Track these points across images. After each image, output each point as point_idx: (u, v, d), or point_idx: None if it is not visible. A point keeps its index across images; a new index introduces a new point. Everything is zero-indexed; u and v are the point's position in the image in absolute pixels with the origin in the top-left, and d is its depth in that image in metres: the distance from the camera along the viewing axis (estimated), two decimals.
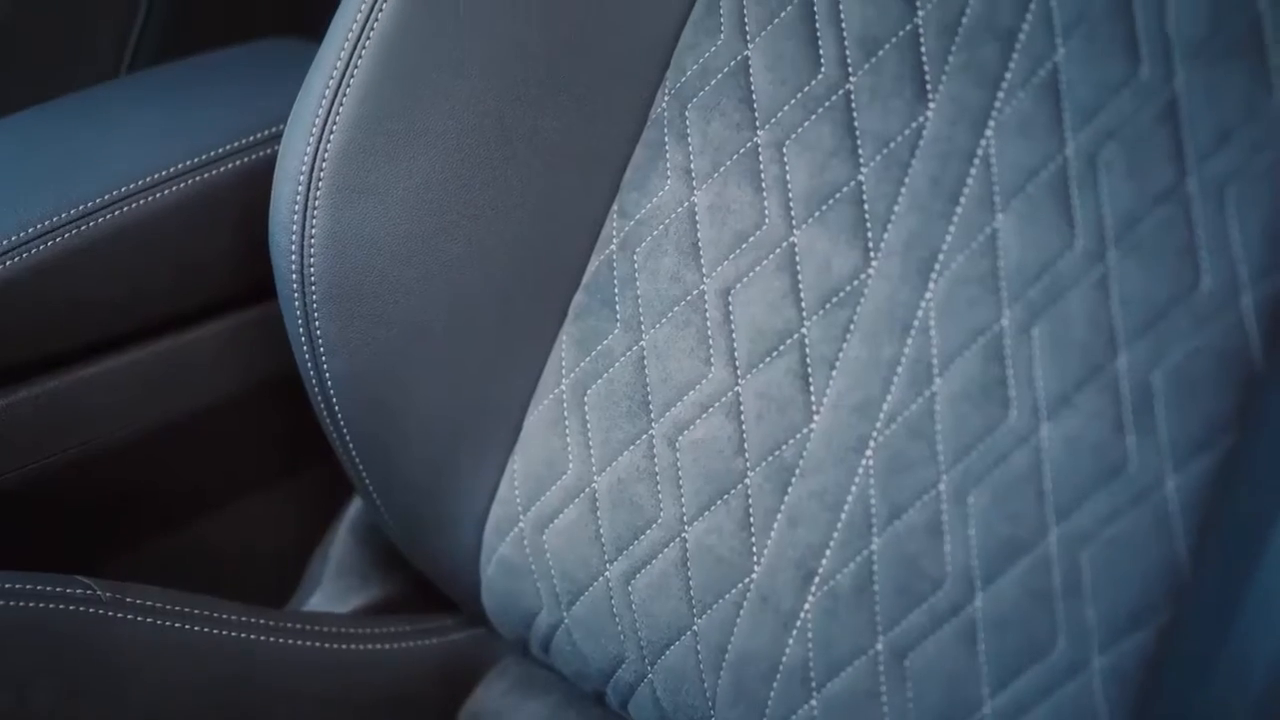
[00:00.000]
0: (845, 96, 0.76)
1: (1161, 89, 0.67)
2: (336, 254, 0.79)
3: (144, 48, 1.09)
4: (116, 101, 0.97)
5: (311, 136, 0.79)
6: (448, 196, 0.80)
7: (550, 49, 0.80)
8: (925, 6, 0.74)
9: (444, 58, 0.79)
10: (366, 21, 0.79)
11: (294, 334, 0.82)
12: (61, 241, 0.84)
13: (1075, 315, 0.69)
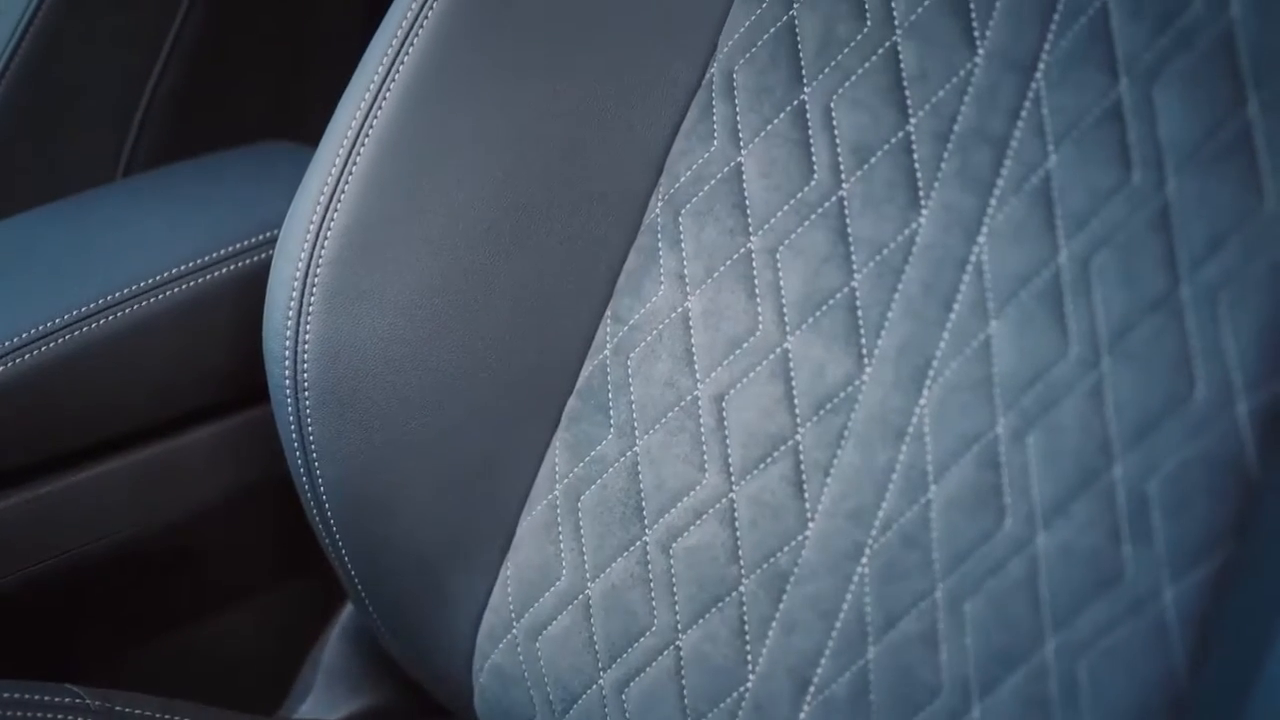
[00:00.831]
0: (838, 203, 0.76)
1: (1153, 195, 0.68)
2: (330, 360, 0.79)
3: (140, 151, 1.09)
4: (112, 205, 0.97)
5: (306, 242, 0.79)
6: (442, 302, 0.80)
7: (546, 157, 0.80)
8: (917, 114, 0.74)
9: (440, 165, 0.79)
10: (362, 127, 0.79)
11: (287, 439, 0.81)
12: (57, 346, 0.84)
13: (1070, 423, 0.69)
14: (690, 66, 0.81)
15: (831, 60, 0.77)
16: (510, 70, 0.80)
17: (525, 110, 0.80)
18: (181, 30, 1.10)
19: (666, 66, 0.81)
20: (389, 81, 0.79)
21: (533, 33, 0.80)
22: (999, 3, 0.73)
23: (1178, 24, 0.68)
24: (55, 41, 1.05)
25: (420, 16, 0.79)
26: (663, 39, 0.81)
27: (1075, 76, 0.70)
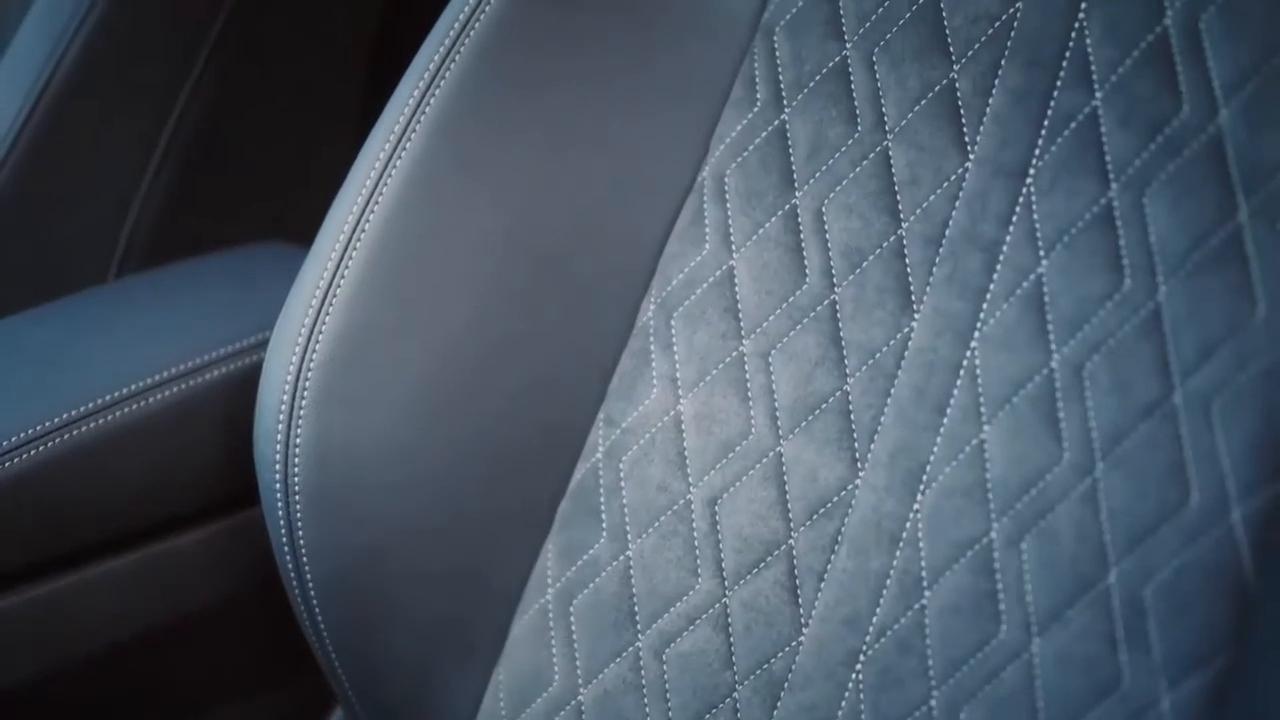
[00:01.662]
0: (830, 307, 0.76)
1: (1145, 302, 0.68)
2: (320, 463, 0.79)
3: (134, 251, 1.10)
4: (104, 307, 0.97)
5: (298, 345, 0.79)
6: (434, 404, 0.79)
7: (539, 259, 0.80)
8: (908, 218, 0.75)
9: (434, 266, 0.79)
10: (356, 228, 0.79)
11: (277, 542, 0.81)
12: (47, 449, 0.83)
13: (1064, 529, 0.68)
14: (683, 169, 0.82)
15: (823, 165, 0.77)
16: (505, 171, 0.80)
17: (518, 211, 0.80)
18: (177, 130, 1.11)
19: (659, 169, 0.82)
20: (383, 182, 0.79)
21: (528, 134, 0.80)
22: (989, 109, 0.73)
23: (1167, 131, 0.68)
24: (50, 142, 1.05)
25: (414, 119, 0.79)
26: (656, 141, 0.81)
27: (1066, 183, 0.70)
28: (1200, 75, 0.67)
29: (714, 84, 0.81)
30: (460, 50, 0.79)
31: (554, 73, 0.81)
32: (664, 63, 0.81)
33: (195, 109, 1.12)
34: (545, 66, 0.81)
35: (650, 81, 0.81)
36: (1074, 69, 0.71)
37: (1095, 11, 0.71)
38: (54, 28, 1.07)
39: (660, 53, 0.81)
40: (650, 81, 0.81)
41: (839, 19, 0.78)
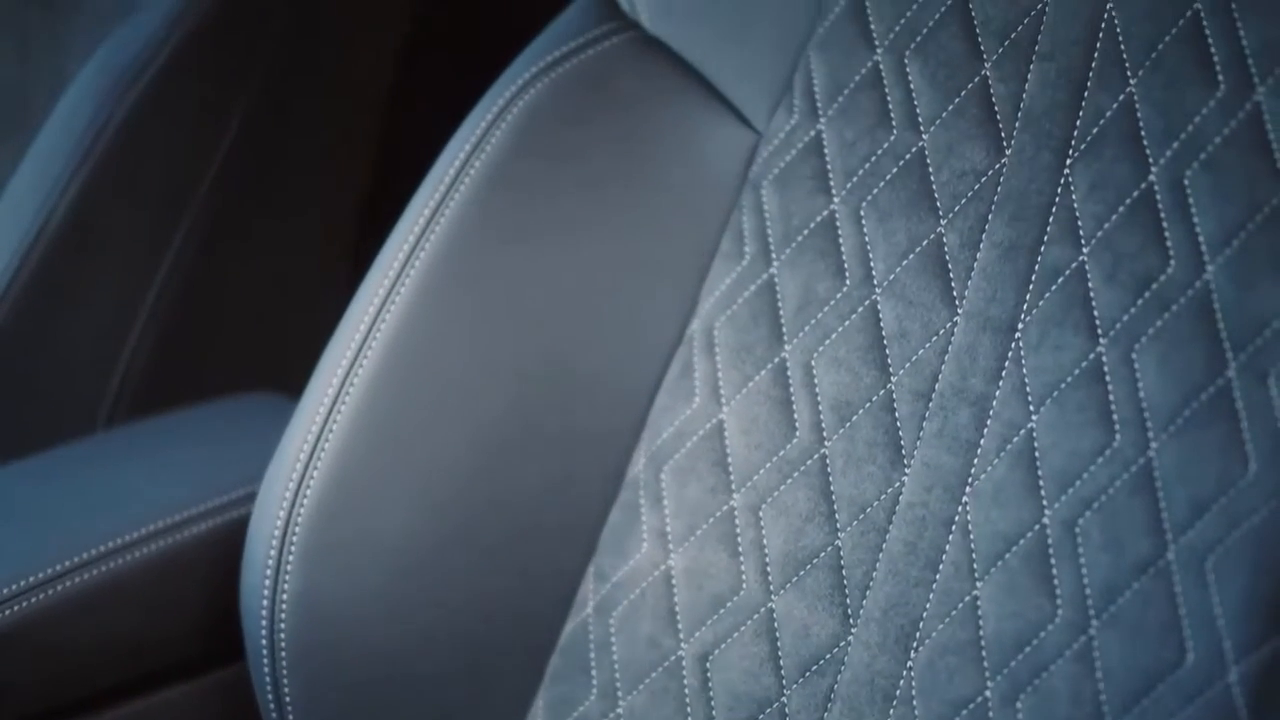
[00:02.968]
0: (821, 461, 0.76)
1: (1136, 458, 0.67)
2: (307, 617, 0.78)
3: (122, 403, 1.09)
4: (90, 460, 0.97)
5: (285, 500, 0.78)
6: (421, 559, 0.79)
7: (527, 411, 0.80)
8: (898, 372, 0.75)
9: (422, 417, 0.79)
10: (344, 382, 0.79)
11: (263, 698, 0.80)
12: (28, 606, 0.83)
13: (1060, 688, 0.67)
14: (672, 322, 0.82)
15: (812, 319, 0.77)
16: (494, 321, 0.80)
17: (506, 364, 0.80)
18: (168, 278, 1.11)
19: (649, 320, 0.82)
20: (371, 338, 0.79)
21: (518, 282, 0.80)
22: (977, 263, 0.73)
23: (1154, 287, 0.68)
24: (42, 289, 1.05)
25: (404, 272, 0.79)
26: (645, 295, 0.81)
27: (1054, 338, 0.70)
28: (1186, 231, 0.68)
29: (703, 237, 0.82)
30: (448, 207, 0.80)
31: (542, 223, 0.81)
32: (652, 216, 0.82)
33: (186, 258, 1.12)
34: (534, 216, 0.81)
35: (638, 236, 0.81)
36: (1060, 224, 0.71)
37: (1080, 167, 0.71)
38: (50, 172, 1.08)
39: (649, 205, 0.82)
40: (638, 236, 0.81)
41: (826, 174, 0.79)
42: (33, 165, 1.09)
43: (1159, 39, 0.70)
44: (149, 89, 1.08)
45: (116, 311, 1.10)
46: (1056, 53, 0.73)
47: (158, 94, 1.09)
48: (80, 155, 1.07)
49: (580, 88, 0.82)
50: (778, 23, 0.81)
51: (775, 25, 0.81)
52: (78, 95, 1.10)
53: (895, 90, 0.77)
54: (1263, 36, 0.67)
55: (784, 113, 0.81)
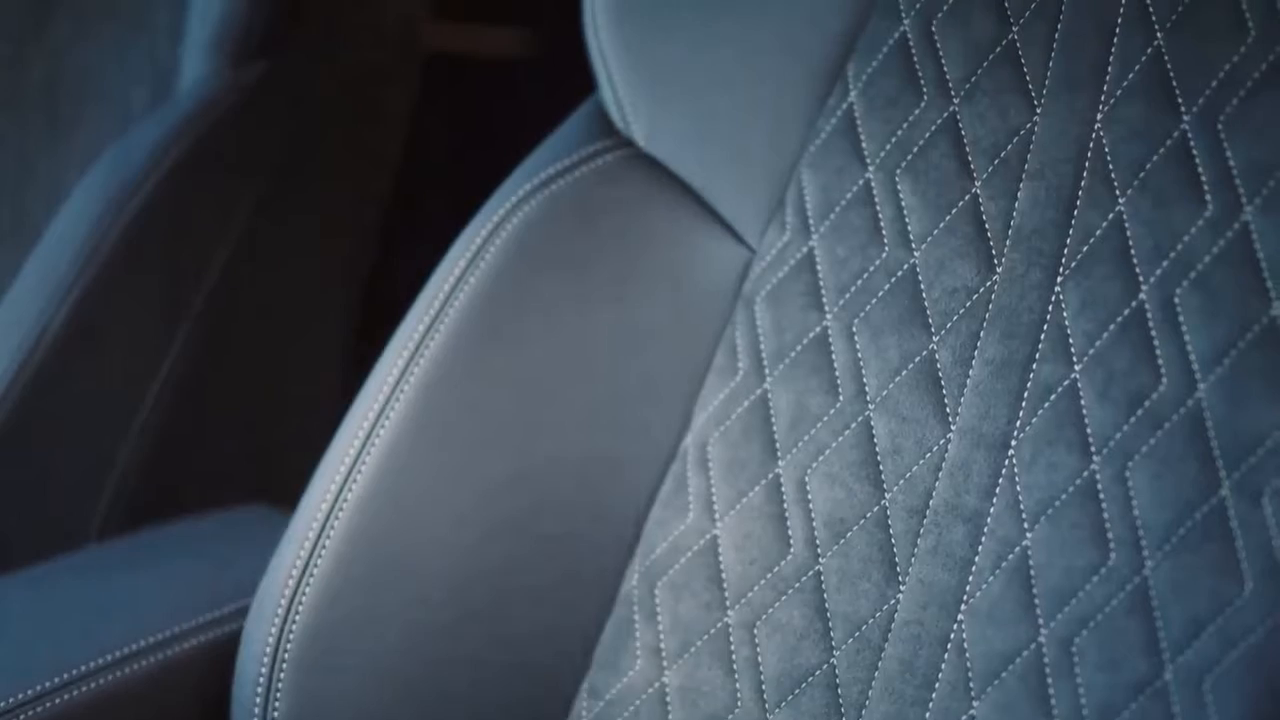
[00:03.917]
0: (815, 578, 0.76)
1: (1131, 577, 0.67)
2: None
3: (115, 514, 1.09)
4: (82, 574, 0.96)
5: (278, 615, 0.78)
6: (413, 675, 0.78)
7: (519, 526, 0.80)
8: (891, 489, 0.74)
9: (413, 538, 0.79)
10: (337, 498, 0.79)
11: None
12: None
13: None
14: (666, 436, 0.82)
15: (805, 434, 0.78)
16: (488, 437, 0.80)
17: (502, 478, 0.80)
18: (162, 391, 1.11)
19: (642, 435, 0.82)
20: (365, 452, 0.79)
21: (512, 397, 0.81)
22: (969, 380, 0.74)
23: (1147, 405, 0.68)
24: (33, 403, 1.05)
25: (399, 385, 0.80)
26: (639, 410, 0.81)
27: (1048, 455, 0.70)
28: (1178, 349, 0.68)
29: (696, 352, 0.82)
30: (443, 321, 0.80)
31: (536, 337, 0.81)
32: (646, 331, 0.82)
33: (182, 368, 1.12)
34: (528, 331, 0.81)
35: (632, 351, 0.82)
36: (1052, 341, 0.71)
37: (1071, 285, 0.71)
38: (49, 282, 1.08)
39: (643, 320, 0.82)
40: (632, 351, 0.82)
41: (819, 290, 0.79)
42: (31, 274, 1.09)
43: (1147, 158, 0.70)
44: (147, 201, 1.09)
45: (112, 420, 1.10)
46: (1046, 171, 0.73)
47: (155, 207, 1.09)
48: (79, 266, 1.07)
49: (575, 204, 0.82)
50: (770, 141, 0.82)
51: (768, 143, 0.82)
52: (77, 207, 1.11)
53: (887, 208, 0.78)
54: (1250, 156, 0.68)
55: (776, 229, 0.81)
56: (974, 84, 0.76)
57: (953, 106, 0.77)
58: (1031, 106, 0.75)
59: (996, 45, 0.76)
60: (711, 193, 0.83)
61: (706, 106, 0.83)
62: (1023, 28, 0.76)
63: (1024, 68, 0.75)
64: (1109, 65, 0.73)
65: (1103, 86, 0.73)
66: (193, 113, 1.11)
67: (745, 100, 0.82)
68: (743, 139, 0.82)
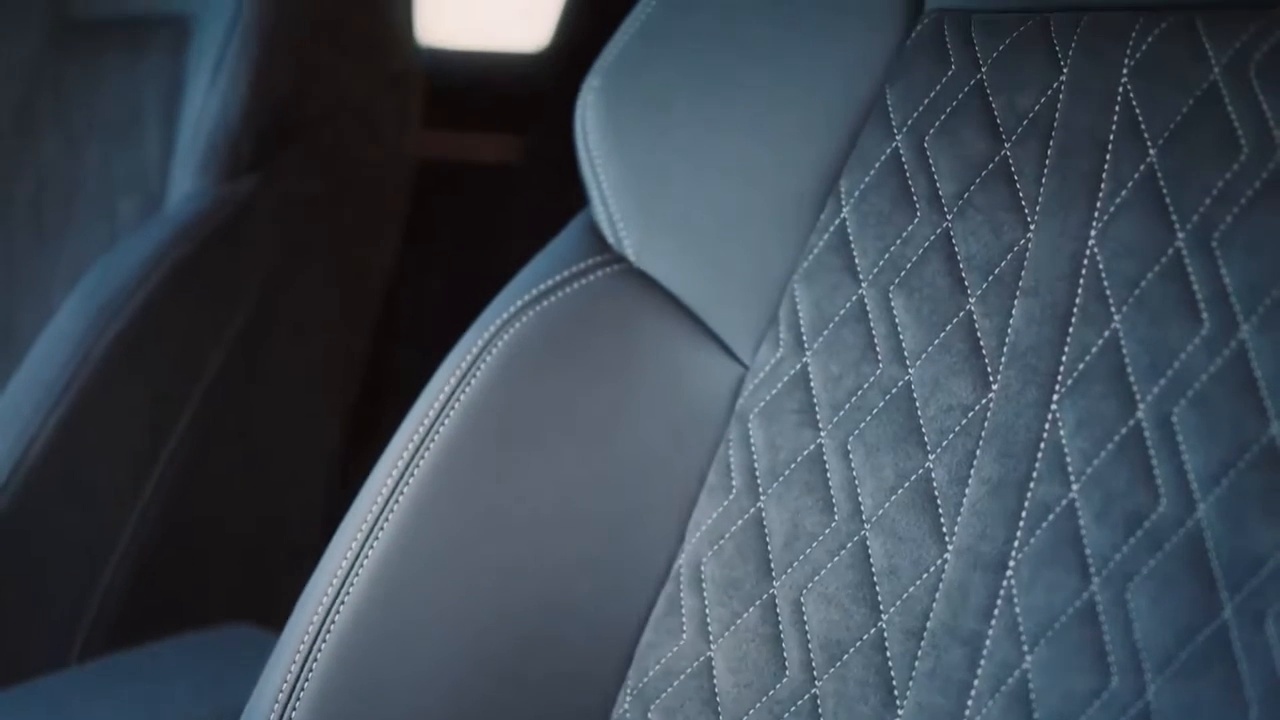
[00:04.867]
0: (811, 701, 0.74)
1: (1134, 702, 0.66)
2: None
3: (98, 632, 1.08)
4: (62, 696, 0.95)
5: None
6: None
7: (512, 647, 0.78)
8: (888, 610, 0.73)
9: (405, 654, 0.77)
10: (325, 619, 0.77)
11: None
12: None
13: None
14: (658, 556, 0.81)
15: (800, 554, 0.77)
16: (477, 557, 0.79)
17: (490, 598, 0.79)
18: (146, 509, 1.10)
19: (634, 554, 0.81)
20: (353, 574, 0.78)
21: (501, 517, 0.80)
22: (966, 499, 0.73)
23: (1146, 525, 0.67)
24: (15, 524, 1.04)
25: (388, 506, 0.79)
26: (631, 529, 0.80)
27: (1046, 577, 0.69)
28: (1176, 469, 0.67)
29: (689, 469, 0.81)
30: (433, 440, 0.79)
31: (527, 456, 0.80)
32: (638, 449, 0.81)
33: (166, 487, 1.11)
34: (518, 450, 0.80)
35: (624, 469, 0.81)
36: (1049, 461, 0.71)
37: (1068, 403, 0.71)
38: (30, 401, 1.07)
39: (635, 438, 0.81)
40: (624, 469, 0.81)
41: (813, 407, 0.78)
42: (18, 387, 1.09)
43: (1141, 275, 0.70)
44: (135, 315, 1.09)
45: (97, 537, 1.09)
46: (1040, 288, 0.73)
47: (144, 320, 1.09)
48: (65, 379, 1.06)
49: (566, 321, 0.82)
50: (762, 256, 0.81)
51: (760, 259, 0.81)
52: (65, 319, 1.11)
53: (880, 324, 0.77)
54: (1245, 274, 0.67)
55: (770, 346, 0.81)
56: (967, 200, 0.76)
57: (946, 222, 0.77)
58: (1025, 223, 0.74)
59: (989, 161, 0.76)
60: (704, 308, 0.82)
61: (698, 222, 0.82)
62: (1015, 144, 0.76)
63: (1017, 184, 0.75)
64: (1102, 181, 0.73)
65: (1096, 203, 0.73)
66: (183, 227, 1.11)
67: (737, 216, 0.82)
68: (735, 254, 0.82)
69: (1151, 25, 0.73)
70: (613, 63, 0.85)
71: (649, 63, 0.85)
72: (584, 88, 0.86)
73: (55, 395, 1.06)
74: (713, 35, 0.84)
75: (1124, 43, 0.74)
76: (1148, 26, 0.73)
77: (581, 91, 0.86)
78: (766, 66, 0.83)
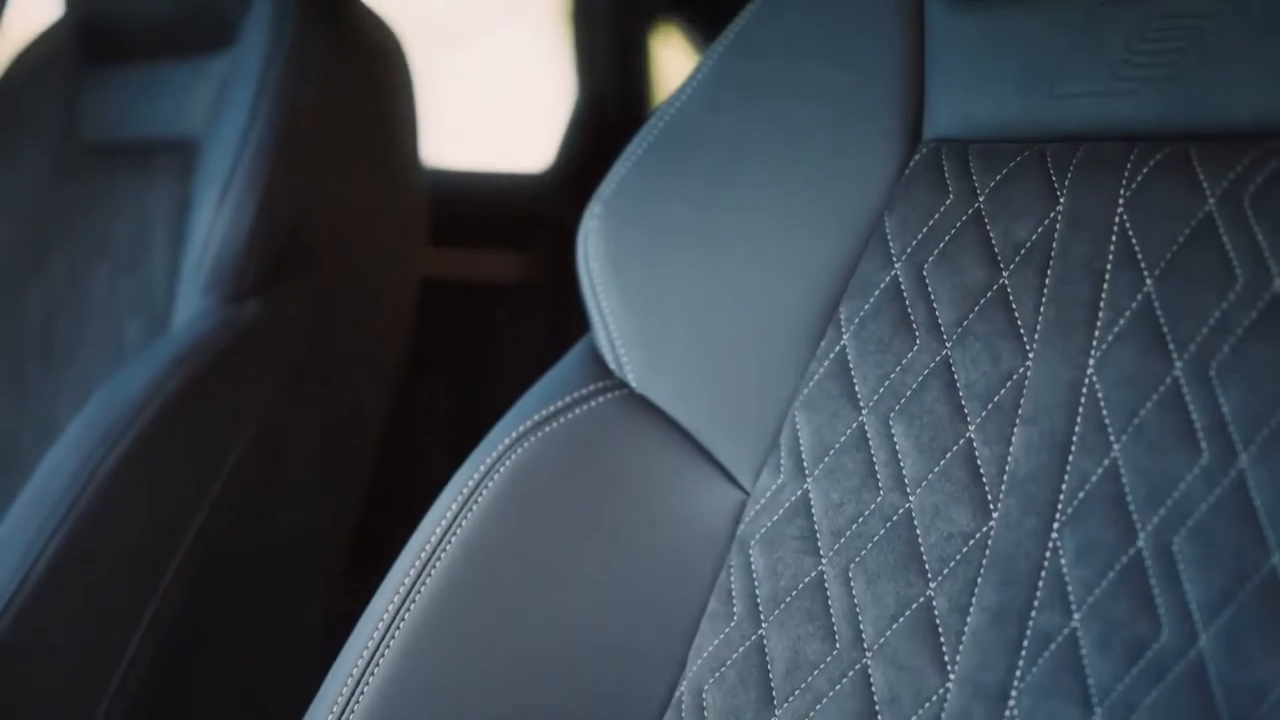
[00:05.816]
0: None
1: None
2: None
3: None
4: None
5: None
6: None
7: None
8: None
9: None
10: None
11: None
12: None
13: None
14: (660, 684, 0.80)
15: (801, 682, 0.76)
16: (474, 686, 0.79)
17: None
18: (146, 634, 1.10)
19: (635, 685, 0.80)
20: (356, 697, 0.78)
21: (502, 644, 0.79)
22: (967, 628, 0.72)
23: (1148, 655, 0.67)
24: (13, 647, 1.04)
25: (389, 633, 0.78)
26: (632, 657, 0.80)
27: (1048, 707, 0.69)
28: (1177, 598, 0.67)
29: (690, 596, 0.81)
30: (434, 567, 0.79)
31: (527, 581, 0.81)
32: (640, 575, 0.81)
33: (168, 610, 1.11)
34: (519, 575, 0.81)
35: (625, 595, 0.81)
36: (1050, 589, 0.71)
37: (1068, 532, 0.71)
38: (31, 526, 1.07)
39: (636, 564, 0.81)
40: (625, 595, 0.81)
41: (814, 534, 0.78)
42: (17, 517, 1.09)
43: (1140, 405, 0.70)
44: (139, 438, 1.09)
45: (95, 664, 1.08)
46: (1039, 417, 0.73)
47: (147, 444, 1.09)
48: (65, 509, 1.06)
49: (568, 446, 0.82)
50: (763, 383, 0.82)
51: (761, 385, 0.82)
52: (70, 442, 1.11)
53: (881, 451, 0.77)
54: (1243, 404, 0.68)
55: (771, 472, 0.81)
56: (966, 328, 0.77)
57: (945, 350, 0.77)
58: (1024, 351, 0.75)
59: (988, 290, 0.77)
60: (706, 434, 0.82)
61: (699, 349, 0.83)
62: (1013, 273, 0.76)
63: (1015, 312, 0.76)
64: (1100, 310, 0.73)
65: (1094, 332, 0.73)
66: (186, 351, 1.12)
67: (738, 343, 0.82)
68: (736, 381, 0.82)
69: (1147, 156, 0.74)
70: (614, 191, 0.86)
71: (650, 191, 0.86)
72: (586, 215, 0.87)
73: (58, 519, 1.06)
74: (713, 164, 0.85)
75: (1120, 173, 0.74)
76: (1143, 157, 0.74)
77: (583, 219, 0.87)
78: (766, 195, 0.83)
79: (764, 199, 0.84)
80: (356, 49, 1.29)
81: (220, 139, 1.22)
